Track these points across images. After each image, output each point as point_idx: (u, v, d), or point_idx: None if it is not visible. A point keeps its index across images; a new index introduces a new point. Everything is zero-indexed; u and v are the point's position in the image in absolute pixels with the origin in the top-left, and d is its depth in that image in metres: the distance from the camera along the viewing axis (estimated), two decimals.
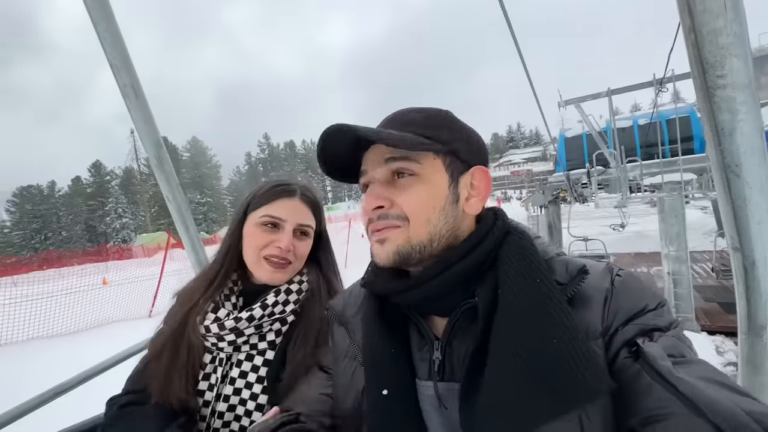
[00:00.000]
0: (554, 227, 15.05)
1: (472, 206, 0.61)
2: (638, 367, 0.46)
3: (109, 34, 1.13)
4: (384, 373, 0.59)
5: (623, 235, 15.28)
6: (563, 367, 0.47)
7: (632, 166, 6.71)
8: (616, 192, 6.35)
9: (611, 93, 6.38)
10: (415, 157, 0.58)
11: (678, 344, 0.49)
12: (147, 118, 1.29)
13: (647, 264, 10.48)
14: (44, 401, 1.11)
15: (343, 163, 0.65)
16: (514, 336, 0.50)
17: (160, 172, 1.42)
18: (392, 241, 0.59)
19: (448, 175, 0.60)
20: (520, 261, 0.55)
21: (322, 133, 0.58)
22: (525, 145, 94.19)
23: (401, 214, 0.58)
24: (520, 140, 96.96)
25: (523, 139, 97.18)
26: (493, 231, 0.60)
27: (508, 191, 65.08)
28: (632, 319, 0.51)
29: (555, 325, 0.49)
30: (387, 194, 0.60)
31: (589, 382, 0.46)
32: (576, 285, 0.54)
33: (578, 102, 6.71)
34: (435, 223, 0.58)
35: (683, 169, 5.67)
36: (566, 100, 6.88)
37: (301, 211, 0.94)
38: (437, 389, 0.57)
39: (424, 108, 0.63)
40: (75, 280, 10.04)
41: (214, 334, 0.84)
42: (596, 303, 0.53)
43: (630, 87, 6.59)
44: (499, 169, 79.22)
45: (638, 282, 0.56)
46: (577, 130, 13.96)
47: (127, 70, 1.20)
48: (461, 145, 0.61)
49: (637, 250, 13.13)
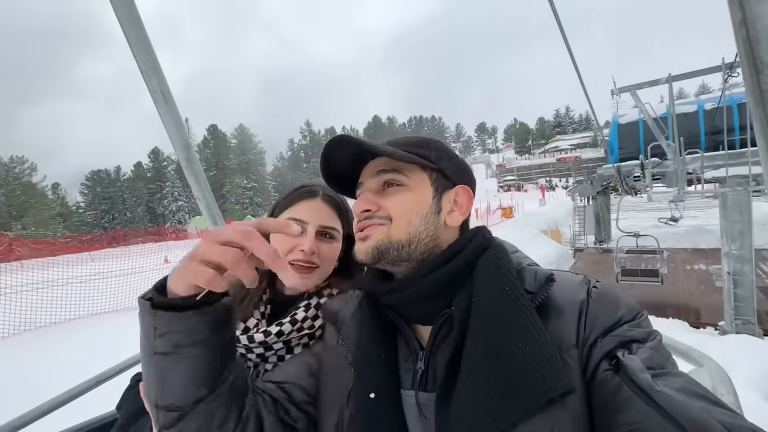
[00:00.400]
0: (602, 219, 14.32)
1: (454, 219, 0.65)
2: (618, 381, 0.47)
3: (139, 42, 1.19)
4: (373, 377, 0.61)
5: (680, 229, 14.25)
6: (525, 368, 0.48)
7: (693, 158, 6.22)
8: (673, 186, 5.94)
9: (672, 79, 5.89)
10: (404, 170, 0.64)
11: (656, 356, 0.50)
12: (176, 121, 1.35)
13: (705, 261, 9.74)
14: (88, 388, 1.19)
15: (342, 175, 0.70)
16: (483, 341, 0.52)
17: (190, 172, 1.47)
18: (373, 237, 0.62)
19: (433, 188, 0.65)
20: (492, 271, 0.58)
21: (327, 143, 0.63)
22: (574, 130, 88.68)
23: (386, 215, 0.63)
24: (569, 125, 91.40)
25: (572, 123, 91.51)
26: (472, 242, 0.63)
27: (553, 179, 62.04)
28: (610, 331, 0.52)
29: (520, 329, 0.51)
30: (375, 200, 0.64)
31: (547, 382, 0.47)
32: (543, 293, 0.56)
33: (634, 89, 6.25)
34: (416, 225, 0.62)
35: (752, 161, 5.21)
36: (620, 88, 6.45)
37: (323, 211, 0.90)
38: (418, 399, 0.59)
39: (419, 135, 0.70)
40: (141, 258, 11.17)
41: (243, 345, 0.83)
42: (570, 314, 0.55)
43: (694, 73, 6.04)
44: (543, 155, 75.56)
45: (615, 293, 0.58)
46: (631, 116, 12.92)
47: (156, 76, 1.25)
48: (448, 165, 0.66)
49: (695, 246, 12.18)
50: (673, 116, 5.74)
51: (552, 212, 18.97)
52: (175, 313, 0.52)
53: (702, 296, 7.22)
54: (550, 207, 21.47)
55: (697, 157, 6.08)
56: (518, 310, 0.52)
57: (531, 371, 0.48)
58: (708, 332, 5.75)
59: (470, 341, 0.53)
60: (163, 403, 0.55)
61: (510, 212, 21.99)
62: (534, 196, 40.15)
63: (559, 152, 74.18)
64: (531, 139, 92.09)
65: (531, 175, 68.82)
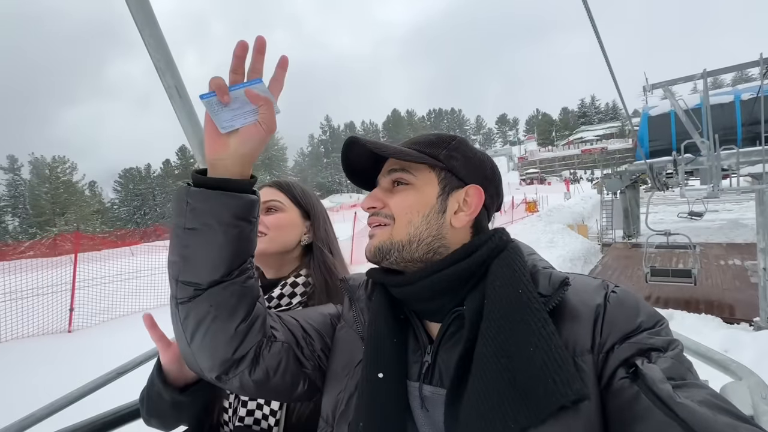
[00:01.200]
0: (631, 213, 14.08)
1: (459, 219, 0.64)
2: (636, 390, 0.46)
3: (153, 39, 1.20)
4: (383, 358, 0.62)
5: (715, 223, 13.91)
6: (536, 374, 0.48)
7: (728, 154, 6.16)
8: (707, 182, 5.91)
9: (707, 75, 5.85)
10: (412, 170, 0.65)
11: (678, 366, 0.49)
12: (191, 117, 1.35)
13: (741, 256, 9.52)
14: (109, 380, 1.22)
15: (363, 170, 0.73)
16: (495, 343, 0.52)
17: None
18: (377, 237, 0.65)
19: (440, 188, 0.64)
20: (506, 272, 0.58)
21: (344, 143, 0.66)
22: (600, 120, 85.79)
23: (389, 213, 0.65)
24: (594, 115, 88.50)
25: (597, 114, 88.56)
26: (488, 244, 0.62)
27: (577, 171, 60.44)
28: (628, 338, 0.51)
29: (532, 332, 0.50)
30: (382, 197, 0.67)
31: (559, 388, 0.46)
32: (558, 297, 0.55)
33: (667, 86, 6.22)
34: (417, 225, 0.62)
35: None
36: (653, 84, 6.42)
37: (266, 193, 1.05)
38: (422, 390, 0.60)
39: (435, 133, 0.70)
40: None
41: None
42: (586, 318, 0.54)
43: (730, 68, 5.95)
44: (568, 147, 73.59)
45: (635, 299, 0.56)
46: (662, 108, 12.54)
47: (171, 72, 1.26)
48: (458, 163, 0.65)
49: (731, 241, 11.85)
50: (708, 113, 5.71)
51: (578, 206, 18.70)
52: (208, 190, 0.58)
53: (736, 292, 7.14)
54: (575, 201, 21.11)
55: (732, 153, 6.02)
56: (530, 313, 0.52)
57: (542, 376, 0.47)
58: (742, 327, 5.75)
59: (481, 342, 0.53)
60: (183, 278, 0.61)
61: (534, 206, 21.77)
62: (558, 189, 39.38)
63: (584, 143, 72.01)
64: (554, 131, 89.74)
65: (554, 168, 67.26)
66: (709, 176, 5.65)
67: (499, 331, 0.52)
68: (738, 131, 11.01)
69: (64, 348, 6.21)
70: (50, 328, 7.24)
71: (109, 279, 9.16)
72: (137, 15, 1.18)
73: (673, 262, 8.96)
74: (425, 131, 0.78)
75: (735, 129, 11.14)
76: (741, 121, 11.21)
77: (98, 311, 7.84)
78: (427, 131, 0.84)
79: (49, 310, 7.54)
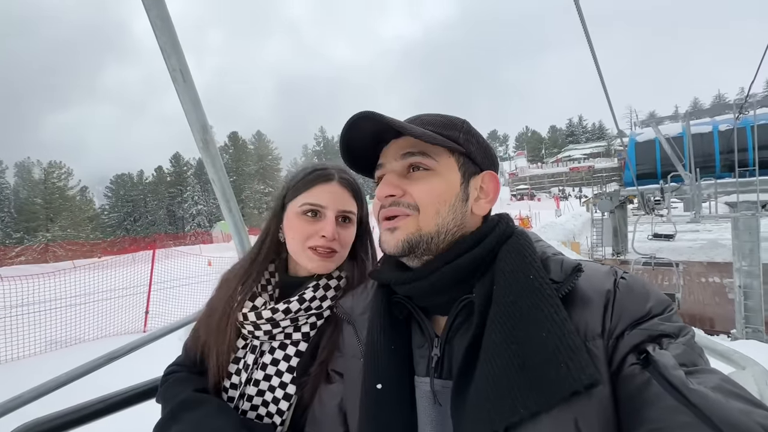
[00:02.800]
0: (619, 231, 15.03)
1: (481, 207, 0.63)
2: (648, 376, 0.46)
3: (159, 20, 1.18)
4: (380, 368, 0.61)
5: (696, 243, 14.90)
6: (548, 359, 0.47)
7: (707, 185, 7.03)
8: (690, 210, 6.76)
9: (689, 117, 6.76)
10: (432, 154, 0.61)
11: (690, 352, 0.48)
12: (194, 101, 1.33)
13: (720, 274, 10.39)
14: (98, 366, 1.21)
15: (361, 153, 0.67)
16: (505, 329, 0.51)
17: (206, 154, 1.45)
18: (403, 229, 0.61)
19: (461, 174, 0.62)
20: (516, 259, 0.57)
21: (351, 117, 0.60)
22: (587, 139, 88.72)
23: (412, 203, 0.61)
24: (581, 134, 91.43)
25: (584, 133, 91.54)
26: (495, 231, 0.62)
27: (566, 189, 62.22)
28: (639, 324, 0.51)
29: (544, 318, 0.50)
30: (401, 184, 0.62)
31: (572, 373, 0.46)
32: (570, 283, 0.54)
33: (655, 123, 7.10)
34: (444, 215, 0.60)
35: (760, 189, 6.01)
36: (642, 121, 7.31)
37: (341, 196, 0.90)
38: (433, 385, 0.59)
39: (443, 114, 0.66)
40: (185, 261, 12.10)
41: (251, 323, 0.86)
42: (596, 304, 0.53)
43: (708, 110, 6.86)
44: (557, 164, 75.63)
45: (644, 286, 0.55)
46: (648, 135, 13.69)
47: (176, 54, 1.24)
48: (475, 149, 0.64)
49: (711, 259, 12.80)
50: (690, 149, 6.59)
51: (569, 223, 19.61)
52: None
53: (716, 307, 7.95)
54: (566, 218, 21.98)
55: (711, 184, 6.89)
56: (542, 299, 0.51)
57: (554, 361, 0.47)
58: (721, 338, 6.51)
59: (490, 329, 0.53)
60: None
61: (527, 222, 22.66)
62: (548, 205, 40.51)
63: (572, 161, 74.25)
64: (544, 148, 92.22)
65: (544, 184, 69.10)
66: (692, 204, 6.48)
67: (509, 316, 0.52)
68: (717, 158, 12.09)
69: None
70: (128, 328, 7.63)
71: (177, 282, 9.51)
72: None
73: (659, 279, 9.77)
74: None
75: (714, 156, 12.23)
76: (719, 149, 12.32)
77: (168, 312, 8.16)
78: None
79: (126, 312, 8.01)
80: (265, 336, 0.87)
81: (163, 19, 1.19)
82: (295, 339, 0.87)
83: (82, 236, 43.19)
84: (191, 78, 1.32)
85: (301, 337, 0.87)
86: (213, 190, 1.56)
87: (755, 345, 5.47)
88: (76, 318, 7.23)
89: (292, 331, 0.87)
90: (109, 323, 7.49)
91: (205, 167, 1.54)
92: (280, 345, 0.87)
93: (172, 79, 1.30)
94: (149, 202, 64.34)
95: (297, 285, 0.92)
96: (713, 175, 10.36)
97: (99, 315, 7.61)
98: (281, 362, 0.85)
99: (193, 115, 1.37)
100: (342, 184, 0.91)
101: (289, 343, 0.87)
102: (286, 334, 0.87)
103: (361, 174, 0.73)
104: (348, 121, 0.61)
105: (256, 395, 0.84)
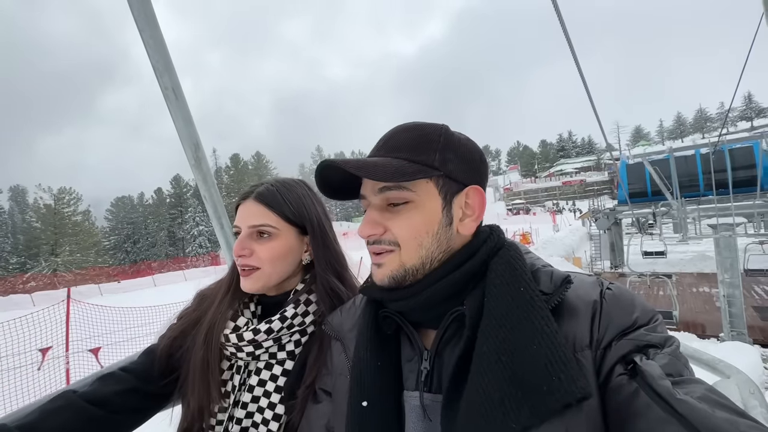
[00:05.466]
0: (616, 246, 16.25)
1: (466, 227, 0.62)
2: (635, 386, 0.46)
3: (153, 40, 1.19)
4: (366, 385, 0.60)
5: (687, 255, 16.12)
6: (540, 371, 0.47)
7: (692, 209, 8.28)
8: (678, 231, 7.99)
9: (673, 151, 8.04)
10: (408, 185, 0.59)
11: (675, 363, 0.48)
12: (186, 119, 1.33)
13: (709, 284, 11.47)
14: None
15: (342, 185, 0.66)
16: (496, 342, 0.51)
17: (198, 171, 1.44)
18: (387, 265, 0.61)
19: (441, 197, 0.60)
20: (506, 271, 0.57)
21: (318, 167, 0.61)
22: (577, 154, 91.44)
23: (393, 239, 0.61)
24: (572, 149, 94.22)
25: (575, 147, 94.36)
26: (486, 244, 0.62)
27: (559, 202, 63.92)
28: (625, 334, 0.51)
29: (535, 330, 0.50)
30: (381, 220, 0.62)
31: (564, 386, 0.46)
32: (560, 294, 0.54)
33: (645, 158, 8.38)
34: (428, 246, 0.60)
35: (735, 213, 7.23)
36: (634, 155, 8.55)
37: (252, 211, 0.88)
38: (422, 399, 0.58)
39: (417, 125, 0.63)
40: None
41: (233, 344, 0.84)
42: (583, 314, 0.54)
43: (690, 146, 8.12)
44: (549, 179, 77.64)
45: (629, 296, 0.56)
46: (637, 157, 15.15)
47: (169, 74, 1.24)
48: (454, 165, 0.61)
49: (700, 270, 13.96)
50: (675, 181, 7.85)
51: (567, 238, 20.72)
52: None
53: (706, 314, 9.04)
54: (564, 233, 22.98)
55: (694, 209, 8.15)
56: (533, 311, 0.52)
57: (545, 374, 0.47)
58: (711, 341, 7.58)
59: (482, 341, 0.53)
60: None
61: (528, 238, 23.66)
62: (544, 219, 41.50)
63: (564, 176, 76.39)
64: (536, 163, 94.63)
65: (538, 198, 70.93)
66: (680, 227, 7.69)
67: (500, 328, 0.52)
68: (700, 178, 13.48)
69: None
70: None
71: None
72: (138, 16, 1.15)
73: (654, 290, 10.86)
74: None
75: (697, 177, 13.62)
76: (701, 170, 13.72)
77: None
78: None
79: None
80: (249, 357, 0.85)
81: (156, 39, 1.21)
82: (281, 358, 0.87)
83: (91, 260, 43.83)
84: (183, 96, 1.33)
85: (287, 356, 0.87)
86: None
87: (740, 346, 6.59)
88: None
89: (277, 351, 0.86)
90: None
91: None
92: (265, 365, 0.86)
93: (164, 97, 1.31)
94: (149, 224, 64.73)
95: (278, 303, 0.91)
96: (698, 193, 11.72)
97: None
98: (268, 383, 0.85)
99: (185, 133, 1.38)
100: (256, 199, 0.88)
101: (275, 362, 0.86)
102: (271, 353, 0.86)
103: (343, 200, 0.71)
104: (319, 167, 0.61)
105: (245, 417, 0.83)
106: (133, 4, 1.15)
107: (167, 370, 0.89)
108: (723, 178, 10.04)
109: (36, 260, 45.15)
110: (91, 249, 45.88)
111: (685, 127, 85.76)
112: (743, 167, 11.61)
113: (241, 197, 0.91)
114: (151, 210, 66.35)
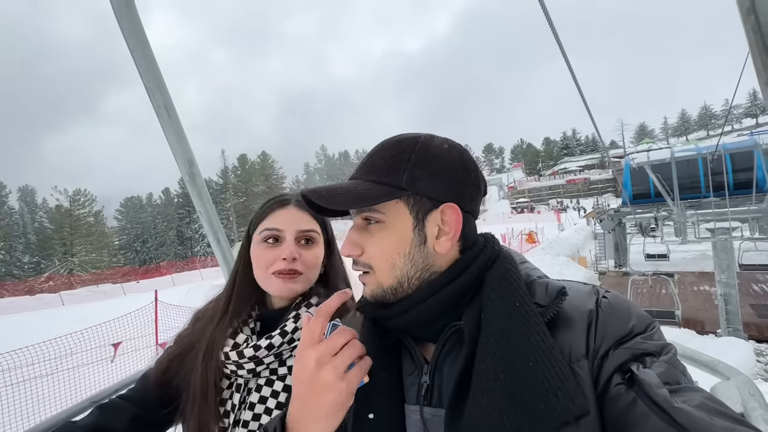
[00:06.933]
0: (620, 246, 16.75)
1: (442, 245, 0.60)
2: (633, 396, 0.46)
3: (144, 60, 1.20)
4: (372, 398, 0.60)
5: (689, 254, 16.60)
6: (537, 389, 0.47)
7: (691, 213, 8.84)
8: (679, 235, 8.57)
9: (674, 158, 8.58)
10: (378, 207, 0.60)
11: (673, 371, 0.48)
12: (179, 135, 1.34)
13: (709, 283, 11.83)
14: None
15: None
16: (494, 359, 0.51)
17: (193, 186, 1.45)
18: (368, 285, 0.63)
19: (413, 216, 0.59)
20: (501, 285, 0.57)
21: (296, 196, 0.69)
22: (581, 152, 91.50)
23: (367, 262, 0.62)
24: (576, 147, 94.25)
25: (579, 145, 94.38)
26: (480, 257, 0.61)
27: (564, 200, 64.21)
28: (622, 343, 0.51)
29: (531, 347, 0.49)
30: (360, 240, 0.63)
31: (561, 403, 0.46)
32: (555, 307, 0.54)
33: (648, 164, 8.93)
34: (401, 267, 0.59)
35: (731, 218, 7.79)
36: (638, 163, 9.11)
37: (298, 217, 0.90)
38: (423, 414, 0.58)
39: (395, 142, 0.62)
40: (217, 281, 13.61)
41: (234, 362, 0.83)
42: (579, 324, 0.53)
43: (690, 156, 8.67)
44: (553, 177, 77.78)
45: (626, 304, 0.56)
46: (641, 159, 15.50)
47: (160, 92, 1.26)
48: (425, 182, 0.59)
49: (701, 269, 14.43)
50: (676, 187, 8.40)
51: (572, 238, 21.22)
52: None
53: (705, 312, 9.56)
54: (569, 232, 23.40)
55: (693, 214, 8.71)
56: (529, 326, 0.51)
57: (543, 391, 0.47)
58: (710, 337, 8.14)
59: (480, 358, 0.52)
60: None
61: (534, 238, 24.13)
62: (548, 218, 41.69)
63: (568, 174, 76.49)
64: (541, 161, 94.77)
65: (542, 196, 71.05)
66: (680, 231, 8.26)
67: (498, 345, 0.52)
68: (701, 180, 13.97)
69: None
70: None
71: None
72: (129, 37, 1.19)
73: (657, 288, 11.39)
74: None
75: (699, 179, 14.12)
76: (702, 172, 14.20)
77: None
78: None
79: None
80: (249, 374, 0.85)
81: (147, 59, 1.23)
82: (282, 374, 0.86)
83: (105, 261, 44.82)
84: (176, 113, 1.34)
85: (288, 371, 0.86)
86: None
87: (735, 341, 7.17)
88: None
89: (278, 366, 0.86)
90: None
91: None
92: (266, 381, 0.85)
93: (157, 115, 1.31)
94: (158, 224, 65.75)
95: (277, 317, 0.91)
96: (700, 195, 12.23)
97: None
98: (269, 399, 0.84)
99: (179, 149, 1.38)
100: (298, 206, 0.91)
101: (276, 378, 0.86)
102: (272, 369, 0.86)
103: (334, 216, 0.71)
104: (299, 196, 0.66)
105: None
106: (124, 24, 1.18)
107: (165, 395, 0.90)
108: (723, 180, 10.66)
109: (50, 260, 46.12)
110: (104, 249, 46.92)
111: (690, 125, 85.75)
112: (743, 170, 12.07)
113: (279, 202, 0.93)
114: (159, 210, 67.49)
